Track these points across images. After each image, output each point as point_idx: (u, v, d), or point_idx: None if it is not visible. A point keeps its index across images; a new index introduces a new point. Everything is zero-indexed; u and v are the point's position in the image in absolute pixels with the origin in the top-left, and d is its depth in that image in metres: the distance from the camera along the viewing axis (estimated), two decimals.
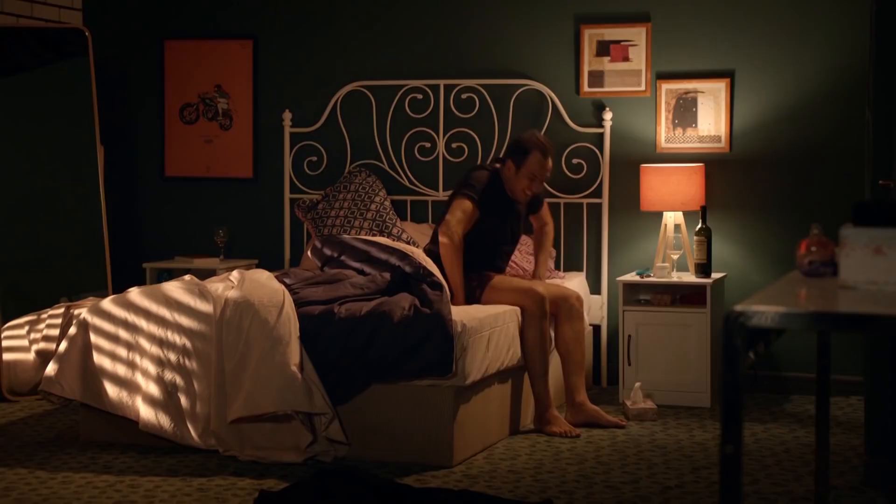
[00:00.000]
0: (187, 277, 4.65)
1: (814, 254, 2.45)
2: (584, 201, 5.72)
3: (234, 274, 4.58)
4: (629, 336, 5.26)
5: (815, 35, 5.43)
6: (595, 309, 5.65)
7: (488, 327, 4.47)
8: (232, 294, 4.32)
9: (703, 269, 5.29)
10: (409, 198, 5.98)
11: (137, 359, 4.35)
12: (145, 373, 4.33)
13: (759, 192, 5.55)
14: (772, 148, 5.52)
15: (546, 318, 4.75)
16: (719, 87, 5.53)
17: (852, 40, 5.31)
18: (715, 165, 5.55)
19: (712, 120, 5.56)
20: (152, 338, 4.34)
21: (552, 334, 4.95)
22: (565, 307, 4.90)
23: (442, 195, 5.93)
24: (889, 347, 3.79)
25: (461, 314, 4.37)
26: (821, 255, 2.44)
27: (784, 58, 5.48)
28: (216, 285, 4.44)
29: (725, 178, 5.57)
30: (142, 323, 4.37)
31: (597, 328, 5.67)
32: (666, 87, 5.60)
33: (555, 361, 5.00)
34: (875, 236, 2.17)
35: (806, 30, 5.44)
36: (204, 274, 5.61)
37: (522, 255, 5.55)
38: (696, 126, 5.58)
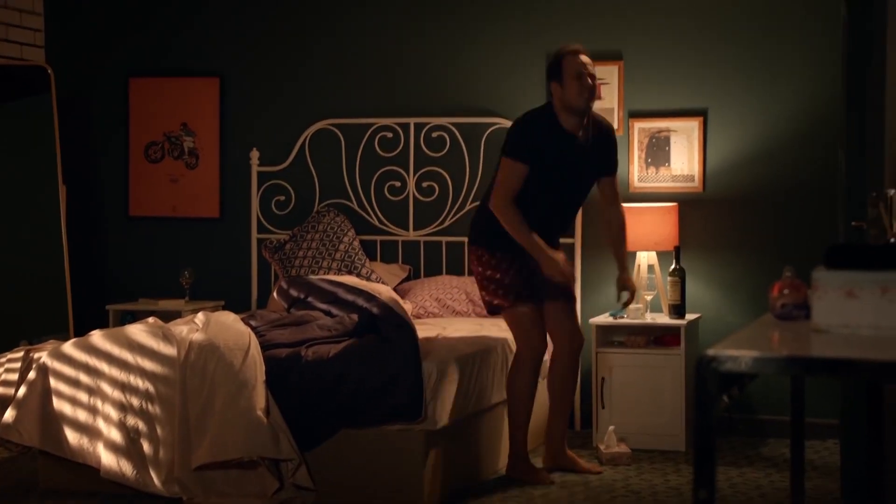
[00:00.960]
0: (151, 320, 4.63)
1: (786, 296, 2.47)
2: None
3: (200, 316, 4.56)
4: (602, 378, 5.27)
5: (789, 74, 5.49)
6: None
7: (459, 370, 4.46)
8: (196, 337, 4.29)
9: (678, 310, 5.31)
10: (378, 238, 5.98)
11: (99, 404, 4.31)
12: (107, 418, 4.28)
13: (733, 232, 5.59)
14: (745, 188, 5.56)
15: (539, 369, 4.69)
16: (692, 126, 5.58)
17: (825, 79, 5.37)
18: (688, 205, 5.59)
19: (685, 159, 5.60)
20: (114, 382, 4.31)
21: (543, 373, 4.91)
22: (571, 349, 4.77)
23: (412, 235, 5.94)
24: (864, 391, 3.81)
25: (431, 356, 4.36)
26: (793, 298, 2.46)
27: (757, 97, 5.54)
28: (181, 328, 4.41)
29: (699, 218, 5.61)
30: (103, 367, 4.34)
31: None
32: (639, 125, 5.65)
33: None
34: (847, 279, 2.19)
35: (779, 69, 5.50)
36: (169, 316, 5.58)
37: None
38: (669, 165, 5.62)
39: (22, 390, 4.39)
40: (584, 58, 4.61)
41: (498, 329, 5.16)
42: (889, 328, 2.14)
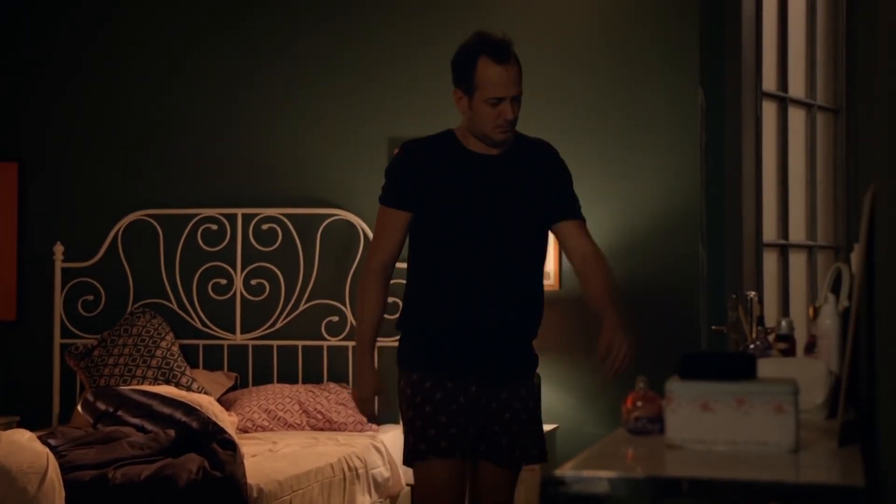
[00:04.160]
0: None
1: (640, 409, 2.53)
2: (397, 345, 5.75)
3: None
4: None
5: (648, 164, 5.64)
6: None
7: (290, 490, 4.41)
8: None
9: None
10: (201, 342, 5.91)
11: None
12: None
13: (591, 335, 5.64)
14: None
15: None
16: None
17: (686, 170, 5.55)
18: (544, 305, 5.66)
19: None
20: None
21: None
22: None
23: (240, 338, 5.88)
24: None
25: (259, 475, 4.30)
26: (647, 411, 2.52)
27: (615, 187, 5.68)
28: None
29: (555, 318, 5.69)
30: None
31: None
32: None
33: None
34: (702, 390, 2.26)
35: (636, 161, 5.65)
36: None
37: (331, 404, 5.52)
38: None
39: None
40: (511, 70, 3.43)
41: (335, 444, 5.12)
42: (745, 443, 2.21)
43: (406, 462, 3.54)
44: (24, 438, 4.36)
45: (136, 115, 6.08)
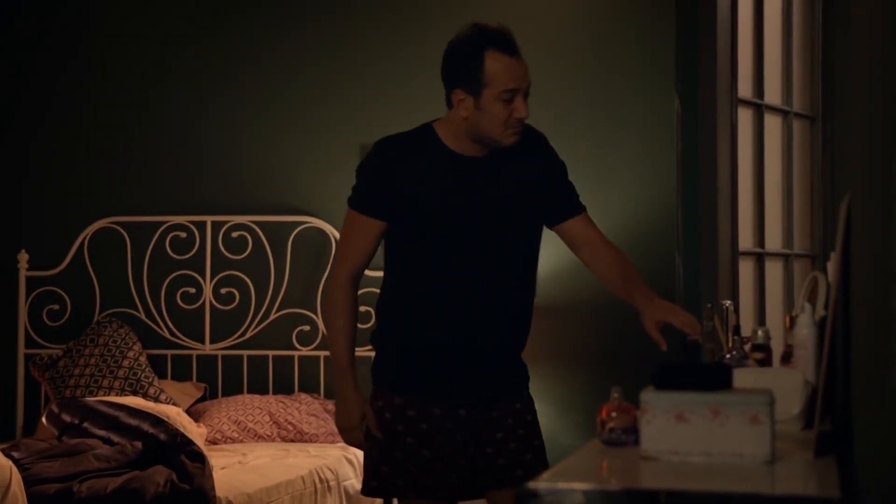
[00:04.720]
0: None
1: (615, 420, 2.53)
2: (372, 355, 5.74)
3: None
4: None
5: (622, 175, 5.66)
6: None
7: (260, 503, 4.41)
8: None
9: None
10: (169, 352, 5.89)
11: None
12: None
13: (567, 344, 5.70)
14: (579, 295, 5.68)
15: None
16: None
17: (662, 177, 5.58)
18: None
19: None
20: None
21: None
22: None
23: (209, 348, 5.86)
24: None
25: (228, 488, 4.29)
26: (622, 422, 2.52)
27: (591, 194, 5.69)
28: None
29: (531, 328, 5.69)
30: None
31: None
32: None
33: None
34: (677, 401, 2.26)
35: (611, 168, 5.67)
36: None
37: (302, 415, 5.50)
38: None
39: None
40: (521, 63, 3.20)
41: (306, 455, 5.11)
42: (720, 454, 2.22)
43: (373, 494, 3.27)
44: None
45: (103, 120, 6.06)
